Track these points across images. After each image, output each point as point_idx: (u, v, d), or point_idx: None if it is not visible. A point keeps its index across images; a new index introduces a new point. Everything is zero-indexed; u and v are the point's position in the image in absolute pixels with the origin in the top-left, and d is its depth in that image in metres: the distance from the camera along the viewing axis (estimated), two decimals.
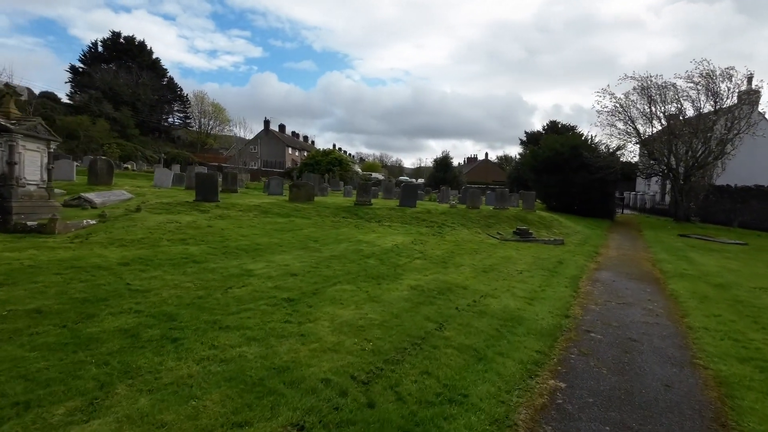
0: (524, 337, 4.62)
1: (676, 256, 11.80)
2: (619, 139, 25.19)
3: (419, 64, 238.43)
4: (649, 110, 23.97)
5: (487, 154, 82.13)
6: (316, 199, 15.79)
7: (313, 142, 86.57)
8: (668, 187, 29.01)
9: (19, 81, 38.26)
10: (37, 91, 50.19)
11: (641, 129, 24.86)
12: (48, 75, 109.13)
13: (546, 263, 9.18)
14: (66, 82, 57.27)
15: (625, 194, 38.73)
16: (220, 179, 16.79)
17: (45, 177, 8.07)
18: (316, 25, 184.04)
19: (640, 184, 41.25)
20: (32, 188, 7.80)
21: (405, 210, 14.50)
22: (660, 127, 24.29)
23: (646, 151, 26.14)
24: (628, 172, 27.97)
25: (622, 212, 31.18)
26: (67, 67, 57.31)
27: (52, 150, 8.18)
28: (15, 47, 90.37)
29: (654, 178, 31.65)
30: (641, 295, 7.10)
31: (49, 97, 50.07)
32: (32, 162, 7.74)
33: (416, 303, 5.40)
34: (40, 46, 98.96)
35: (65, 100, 53.20)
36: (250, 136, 70.67)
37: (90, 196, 11.05)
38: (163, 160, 43.79)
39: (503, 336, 4.59)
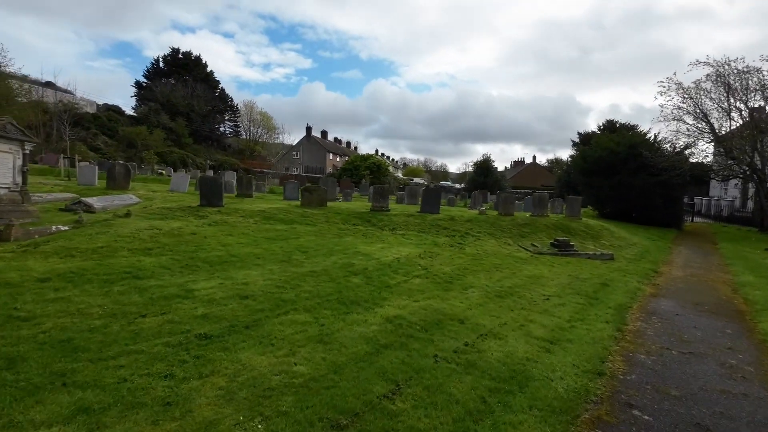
0: (523, 414, 3.04)
1: (767, 278, 9.23)
2: (688, 136, 21.77)
3: (465, 68, 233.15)
4: (726, 101, 20.43)
5: (534, 157, 77.46)
6: (331, 204, 14.70)
7: (356, 148, 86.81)
8: (751, 191, 24.79)
9: (81, 94, 41.48)
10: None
11: (716, 124, 21.31)
12: (123, 92, 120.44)
13: (585, 286, 7.29)
14: (131, 96, 61.96)
15: (696, 200, 34.13)
16: (234, 183, 16.35)
17: (18, 180, 7.60)
18: (361, 35, 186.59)
19: (715, 188, 36.29)
20: (2, 191, 7.33)
21: (425, 217, 12.96)
22: (741, 121, 20.63)
23: (722, 150, 22.39)
24: (699, 175, 24.11)
25: (692, 220, 27.25)
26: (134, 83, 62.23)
27: (27, 151, 7.71)
28: (100, 69, 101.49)
29: (732, 181, 27.36)
30: (717, 340, 5.11)
31: (114, 110, 54.45)
32: (2, 164, 7.27)
33: (380, 346, 3.96)
34: (119, 66, 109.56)
35: (129, 112, 57.52)
36: (294, 143, 72.37)
37: (91, 200, 10.70)
38: (210, 166, 45.52)
39: (490, 410, 3.04)
